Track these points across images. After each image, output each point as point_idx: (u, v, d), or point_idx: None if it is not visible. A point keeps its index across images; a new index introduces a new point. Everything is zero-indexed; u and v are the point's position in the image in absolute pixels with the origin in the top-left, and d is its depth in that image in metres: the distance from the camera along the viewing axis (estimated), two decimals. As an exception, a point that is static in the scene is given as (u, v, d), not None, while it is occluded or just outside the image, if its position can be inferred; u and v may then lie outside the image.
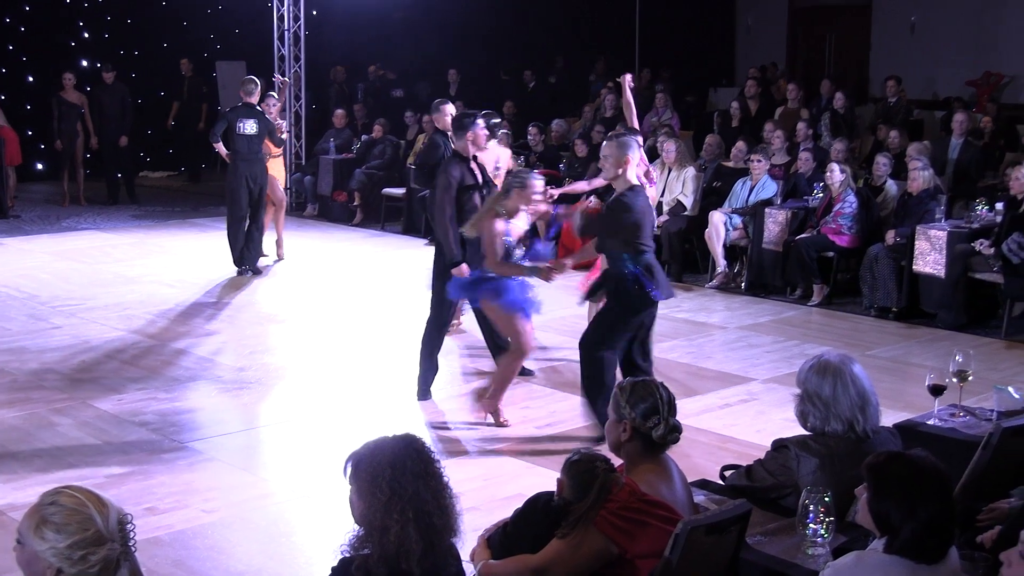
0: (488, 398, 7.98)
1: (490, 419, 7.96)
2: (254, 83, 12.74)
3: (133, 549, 3.12)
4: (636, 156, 7.46)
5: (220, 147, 12.72)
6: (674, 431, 4.44)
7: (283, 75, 16.76)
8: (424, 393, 8.53)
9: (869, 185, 12.12)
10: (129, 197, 17.61)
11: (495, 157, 9.79)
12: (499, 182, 8.66)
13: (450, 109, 10.09)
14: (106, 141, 17.40)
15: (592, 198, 11.05)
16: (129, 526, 3.11)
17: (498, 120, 10.04)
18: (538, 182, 7.78)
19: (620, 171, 7.28)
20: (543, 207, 8.18)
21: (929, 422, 5.62)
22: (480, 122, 8.37)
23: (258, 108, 12.63)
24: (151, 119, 19.95)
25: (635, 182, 7.38)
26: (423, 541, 3.50)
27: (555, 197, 9.58)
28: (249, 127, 12.42)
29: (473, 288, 7.94)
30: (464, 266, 8.12)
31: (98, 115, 17.29)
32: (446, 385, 8.79)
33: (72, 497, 3.06)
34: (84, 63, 19.06)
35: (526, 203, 7.69)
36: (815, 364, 4.68)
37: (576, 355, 7.61)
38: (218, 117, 13.06)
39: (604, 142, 7.57)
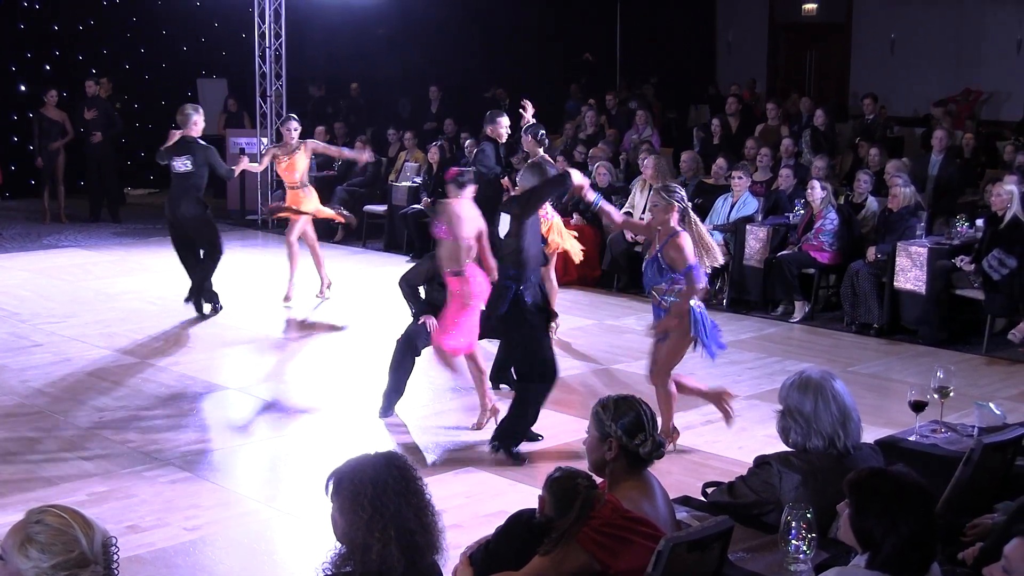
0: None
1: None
2: (195, 110, 11.30)
3: (116, 572, 3.11)
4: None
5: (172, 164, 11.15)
6: (660, 447, 4.44)
7: (265, 92, 16.78)
8: (386, 411, 8.50)
9: (850, 202, 12.17)
10: (111, 217, 17.48)
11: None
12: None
13: (505, 122, 10.54)
14: (91, 158, 17.31)
15: None
16: (113, 548, 3.09)
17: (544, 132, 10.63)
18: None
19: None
20: None
21: (911, 438, 5.63)
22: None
23: (197, 141, 11.19)
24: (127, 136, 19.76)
25: None
26: (405, 559, 3.48)
27: None
28: (180, 164, 11.11)
29: None
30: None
31: (82, 130, 17.18)
32: (431, 401, 8.79)
33: (58, 517, 3.05)
34: (67, 80, 18.95)
35: None
36: (796, 380, 4.69)
37: (565, 371, 7.58)
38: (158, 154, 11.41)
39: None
